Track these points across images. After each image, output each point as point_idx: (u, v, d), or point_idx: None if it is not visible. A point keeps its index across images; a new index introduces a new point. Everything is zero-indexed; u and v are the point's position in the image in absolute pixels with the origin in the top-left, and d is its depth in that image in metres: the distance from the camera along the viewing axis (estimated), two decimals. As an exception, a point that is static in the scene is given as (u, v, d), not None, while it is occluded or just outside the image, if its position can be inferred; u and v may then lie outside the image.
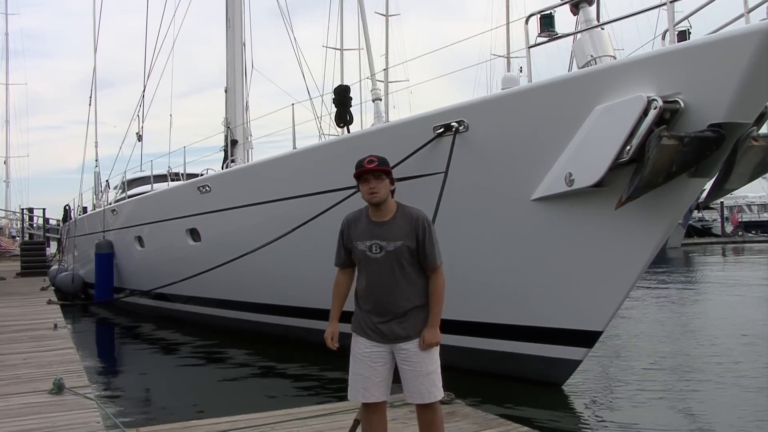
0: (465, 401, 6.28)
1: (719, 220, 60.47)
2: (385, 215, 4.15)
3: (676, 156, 6.43)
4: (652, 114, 6.54)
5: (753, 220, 62.87)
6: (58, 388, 6.35)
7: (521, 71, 25.53)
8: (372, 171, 4.10)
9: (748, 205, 64.49)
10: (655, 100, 6.53)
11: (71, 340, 9.50)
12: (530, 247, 8.28)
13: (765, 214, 63.42)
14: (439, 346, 4.14)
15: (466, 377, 8.60)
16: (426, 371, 4.06)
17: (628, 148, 6.70)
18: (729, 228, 60.27)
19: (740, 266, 31.57)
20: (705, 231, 57.80)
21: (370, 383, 4.10)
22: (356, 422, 4.53)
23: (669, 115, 6.62)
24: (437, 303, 4.10)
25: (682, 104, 6.59)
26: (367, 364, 4.10)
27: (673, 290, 19.94)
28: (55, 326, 10.50)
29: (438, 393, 4.10)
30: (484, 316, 8.97)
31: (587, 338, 8.19)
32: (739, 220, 62.03)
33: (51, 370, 7.39)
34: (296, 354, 11.06)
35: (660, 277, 23.49)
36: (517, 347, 8.73)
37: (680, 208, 7.38)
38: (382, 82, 22.12)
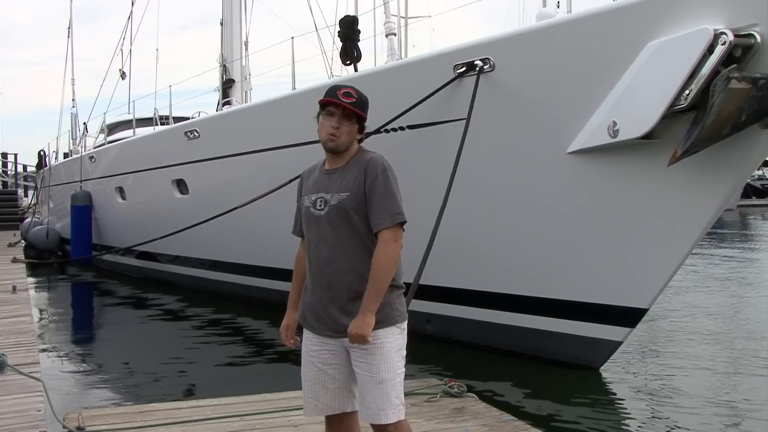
0: (480, 393, 5.94)
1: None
2: (338, 162, 3.47)
3: (746, 102, 5.98)
4: (719, 51, 6.03)
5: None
6: (-1, 367, 6.04)
7: (558, 7, 24.74)
8: (343, 107, 3.36)
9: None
10: (724, 33, 6.02)
11: (30, 306, 9.20)
12: (565, 209, 7.91)
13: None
14: (403, 349, 3.42)
15: (489, 357, 8.42)
16: (377, 379, 3.31)
17: (687, 92, 6.25)
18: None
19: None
20: (766, 191, 56.81)
21: (323, 391, 3.45)
22: None
23: (740, 53, 6.12)
24: (372, 279, 3.26)
25: (759, 38, 6.06)
26: (315, 365, 3.46)
27: (727, 259, 19.43)
28: (14, 289, 10.23)
29: (391, 413, 3.33)
30: (510, 287, 8.68)
31: (630, 316, 7.85)
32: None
33: (-4, 342, 7.09)
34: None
35: (713, 243, 22.97)
36: (548, 324, 8.45)
37: (748, 166, 6.94)
38: (397, 16, 21.40)
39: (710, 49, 6.09)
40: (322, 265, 3.41)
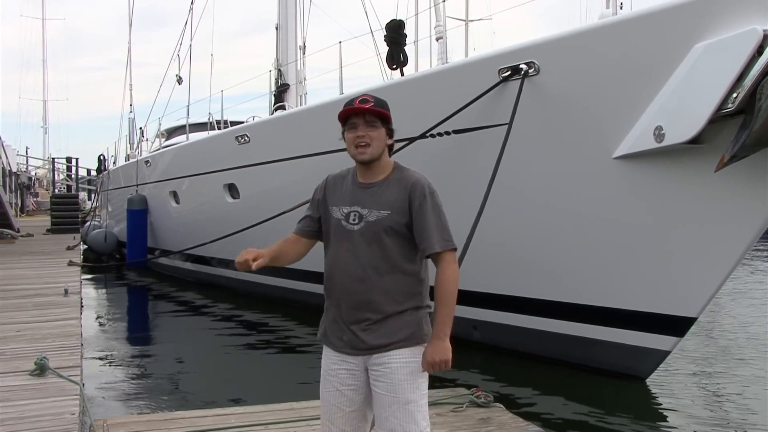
0: (517, 402, 5.86)
1: None
2: (375, 176, 3.34)
3: (796, 106, 5.79)
4: (768, 52, 5.88)
5: None
6: (41, 369, 6.12)
7: (620, 8, 24.27)
8: (363, 112, 3.24)
9: None
10: None
11: (79, 310, 9.40)
12: (611, 215, 7.80)
13: None
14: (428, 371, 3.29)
15: (531, 365, 8.36)
16: (403, 399, 3.21)
17: (735, 95, 6.11)
18: None
19: None
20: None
21: (338, 414, 3.35)
22: None
23: (791, 54, 5.93)
24: (444, 304, 3.21)
25: (809, 39, 5.90)
26: (333, 386, 3.35)
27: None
28: (66, 292, 10.46)
29: None
30: (555, 294, 8.61)
31: (678, 325, 7.70)
32: None
33: (42, 345, 7.21)
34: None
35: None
36: (594, 332, 8.34)
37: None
38: (459, 19, 21.22)
39: (759, 51, 5.96)
40: (354, 282, 3.27)
